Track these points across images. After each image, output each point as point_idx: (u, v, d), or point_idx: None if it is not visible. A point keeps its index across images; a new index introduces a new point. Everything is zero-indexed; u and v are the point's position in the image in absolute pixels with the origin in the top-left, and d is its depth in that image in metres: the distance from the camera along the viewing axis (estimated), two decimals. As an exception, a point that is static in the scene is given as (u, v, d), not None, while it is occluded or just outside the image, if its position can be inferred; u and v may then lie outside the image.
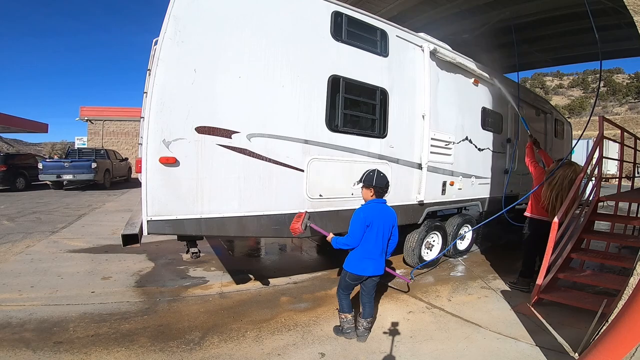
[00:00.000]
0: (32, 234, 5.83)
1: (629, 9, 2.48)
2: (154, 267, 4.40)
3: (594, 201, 3.93)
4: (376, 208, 2.69)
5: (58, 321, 2.91)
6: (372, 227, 2.63)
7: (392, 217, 2.76)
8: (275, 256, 5.41)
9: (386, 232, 2.70)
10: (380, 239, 2.67)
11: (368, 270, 2.68)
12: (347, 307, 2.81)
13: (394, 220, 2.77)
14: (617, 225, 4.66)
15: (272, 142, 3.12)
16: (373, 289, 2.81)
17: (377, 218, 2.65)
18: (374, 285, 2.79)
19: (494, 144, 5.62)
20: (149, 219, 2.65)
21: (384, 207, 2.74)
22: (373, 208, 2.69)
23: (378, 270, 2.72)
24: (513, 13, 6.57)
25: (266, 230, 3.20)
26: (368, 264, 2.67)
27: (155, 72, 2.63)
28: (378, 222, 2.65)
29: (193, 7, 2.77)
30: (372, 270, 2.69)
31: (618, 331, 1.67)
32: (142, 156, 2.75)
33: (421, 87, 4.27)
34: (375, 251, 2.67)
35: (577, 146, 4.72)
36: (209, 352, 2.54)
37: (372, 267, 2.68)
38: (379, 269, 2.72)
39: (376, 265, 2.70)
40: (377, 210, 2.68)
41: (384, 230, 2.68)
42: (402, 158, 4.13)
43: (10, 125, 17.40)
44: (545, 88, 50.85)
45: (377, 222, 2.65)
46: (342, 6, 3.56)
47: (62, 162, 12.50)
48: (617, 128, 4.77)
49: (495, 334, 2.90)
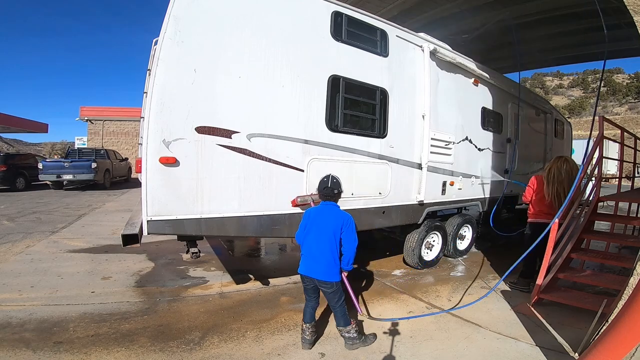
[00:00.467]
0: (32, 234, 5.83)
1: (629, 9, 2.48)
2: (154, 267, 4.40)
3: (594, 201, 3.93)
4: (316, 209, 2.74)
5: (58, 321, 2.91)
6: (306, 227, 2.67)
7: (333, 217, 2.62)
8: (275, 256, 5.41)
9: (323, 232, 2.57)
10: (314, 238, 2.60)
11: (301, 267, 2.63)
12: (304, 313, 2.69)
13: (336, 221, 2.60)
14: (617, 225, 4.66)
15: (272, 142, 3.12)
16: (332, 299, 2.61)
17: (313, 218, 2.65)
18: (330, 295, 2.59)
19: (494, 144, 5.62)
20: (149, 219, 2.65)
21: (326, 208, 2.70)
22: (314, 209, 2.77)
23: (315, 272, 2.56)
24: (513, 13, 6.58)
25: (266, 230, 3.20)
26: (301, 261, 2.65)
27: (155, 72, 2.63)
28: (312, 222, 2.64)
29: (193, 7, 2.77)
30: (304, 267, 2.61)
31: (618, 331, 1.67)
32: (142, 156, 2.75)
33: (421, 87, 4.26)
34: (309, 248, 2.61)
35: (577, 146, 4.73)
36: (209, 352, 2.54)
37: (304, 264, 2.62)
38: (315, 271, 2.56)
39: (309, 265, 2.58)
40: (315, 211, 2.71)
41: (319, 229, 2.59)
42: (402, 158, 4.13)
43: (10, 125, 17.42)
44: (545, 88, 50.84)
45: (312, 222, 2.65)
46: (342, 6, 3.56)
47: (62, 162, 12.50)
48: (617, 128, 4.78)
49: (495, 334, 2.90)
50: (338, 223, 2.58)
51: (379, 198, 3.94)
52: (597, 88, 16.30)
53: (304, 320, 2.67)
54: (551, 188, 3.80)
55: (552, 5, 6.36)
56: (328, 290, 2.58)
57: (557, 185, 3.77)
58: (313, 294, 2.67)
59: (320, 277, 2.55)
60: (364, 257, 4.94)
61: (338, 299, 2.61)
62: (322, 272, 2.55)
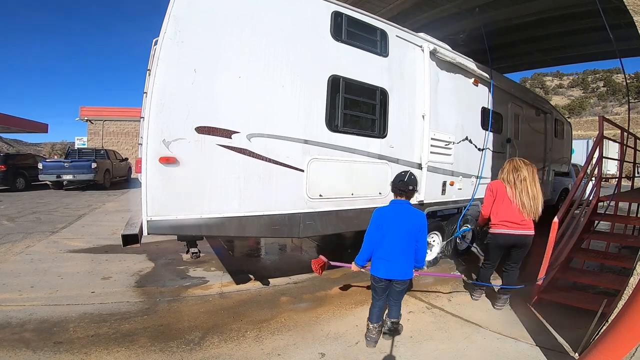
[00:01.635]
0: (32, 234, 5.83)
1: (629, 9, 2.48)
2: (154, 267, 4.40)
3: (593, 201, 3.93)
4: (390, 209, 2.65)
5: (58, 321, 2.90)
6: (382, 227, 2.58)
7: (410, 219, 2.57)
8: (275, 256, 5.41)
9: (402, 234, 2.54)
10: (392, 240, 2.55)
11: (377, 269, 2.58)
12: (371, 314, 2.72)
13: (414, 223, 2.56)
14: (617, 225, 4.66)
15: (272, 142, 3.11)
16: (400, 295, 2.68)
17: (389, 219, 2.58)
18: (400, 292, 2.65)
19: (494, 144, 5.62)
20: (149, 219, 2.65)
21: (400, 207, 2.62)
22: (386, 209, 2.67)
23: (395, 273, 2.55)
24: (513, 13, 6.58)
25: (266, 230, 3.20)
26: (380, 264, 2.58)
27: (155, 72, 2.64)
28: (387, 223, 2.58)
29: (193, 7, 2.78)
30: (382, 270, 2.56)
31: (618, 331, 1.67)
32: (142, 156, 2.75)
33: (421, 87, 4.26)
34: (387, 251, 2.56)
35: (577, 146, 4.73)
36: (209, 352, 2.54)
37: (381, 267, 2.57)
38: (395, 272, 2.55)
39: (388, 268, 2.55)
40: (389, 211, 2.63)
41: (397, 232, 2.55)
42: (402, 158, 4.13)
43: (10, 125, 17.41)
44: (545, 88, 50.86)
45: (386, 223, 2.58)
46: (342, 6, 3.57)
47: (62, 162, 12.50)
48: (617, 128, 4.78)
49: (495, 334, 2.90)
50: (417, 223, 2.56)
51: (379, 198, 3.94)
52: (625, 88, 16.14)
53: (371, 320, 2.68)
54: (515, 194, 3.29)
55: (552, 5, 6.36)
56: (400, 287, 2.63)
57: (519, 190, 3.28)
58: (383, 293, 2.68)
59: (399, 277, 2.57)
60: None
61: (403, 294, 2.71)
62: (402, 272, 2.57)
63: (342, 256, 5.15)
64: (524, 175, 3.28)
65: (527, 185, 3.27)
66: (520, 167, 3.34)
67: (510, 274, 3.44)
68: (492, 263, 3.57)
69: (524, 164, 3.37)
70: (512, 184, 3.31)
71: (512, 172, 3.35)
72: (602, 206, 4.23)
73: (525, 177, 3.28)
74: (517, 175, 3.31)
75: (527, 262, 3.55)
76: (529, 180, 3.28)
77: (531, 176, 3.30)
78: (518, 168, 3.34)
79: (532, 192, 3.24)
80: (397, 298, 2.69)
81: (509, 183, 3.34)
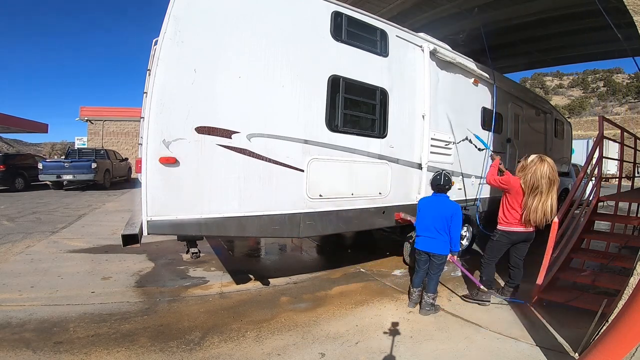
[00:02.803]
0: (32, 234, 5.83)
1: (629, 9, 2.48)
2: (154, 267, 4.40)
3: (594, 201, 3.93)
4: (429, 199, 3.46)
5: (58, 321, 2.90)
6: (421, 212, 3.40)
7: (445, 207, 3.27)
8: (275, 256, 5.41)
9: (437, 217, 3.24)
10: (430, 221, 3.27)
11: (419, 244, 3.34)
12: (412, 280, 3.44)
13: (447, 210, 3.24)
14: (617, 225, 4.66)
15: (272, 142, 3.12)
16: (437, 268, 3.27)
17: (426, 206, 3.38)
18: (437, 265, 3.26)
19: (494, 144, 5.62)
20: (149, 219, 2.65)
21: (437, 198, 3.37)
22: (428, 198, 3.50)
23: (431, 247, 3.25)
24: (514, 13, 6.58)
25: (266, 230, 3.20)
26: (419, 240, 3.37)
27: (155, 72, 2.64)
28: (427, 209, 3.36)
29: (193, 7, 2.78)
30: (422, 244, 3.31)
31: (618, 331, 1.67)
32: (142, 156, 2.75)
33: (421, 87, 4.27)
34: (426, 229, 3.29)
35: (577, 146, 4.73)
36: (209, 352, 2.54)
37: (421, 242, 3.32)
38: (431, 247, 3.25)
39: (426, 242, 3.28)
40: (429, 200, 3.42)
41: (434, 215, 3.26)
42: (402, 158, 4.13)
43: (10, 125, 17.40)
44: (545, 88, 50.86)
45: (426, 209, 3.36)
46: (342, 6, 3.57)
47: (62, 162, 12.50)
48: (617, 128, 4.78)
49: (495, 334, 2.90)
50: (449, 211, 3.23)
51: (379, 198, 3.94)
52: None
53: (413, 285, 3.40)
54: (531, 201, 3.15)
55: (552, 5, 6.36)
56: (437, 261, 3.26)
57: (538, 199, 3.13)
58: (424, 265, 3.35)
59: (435, 250, 3.24)
60: (363, 257, 4.94)
61: (439, 270, 3.30)
62: (436, 247, 3.24)
63: (342, 256, 5.18)
64: (545, 188, 3.10)
65: (542, 200, 3.11)
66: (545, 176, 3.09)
67: (518, 270, 3.53)
68: (496, 258, 3.55)
69: (551, 171, 3.12)
70: (530, 191, 3.14)
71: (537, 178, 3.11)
72: (602, 206, 4.23)
73: (543, 191, 3.10)
74: (539, 184, 3.10)
75: (527, 262, 3.54)
76: (546, 193, 3.11)
77: (551, 186, 3.13)
78: (544, 176, 3.10)
79: (545, 208, 3.12)
80: (436, 271, 3.28)
81: (528, 187, 3.15)
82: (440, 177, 3.35)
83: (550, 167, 3.13)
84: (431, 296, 3.24)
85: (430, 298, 3.24)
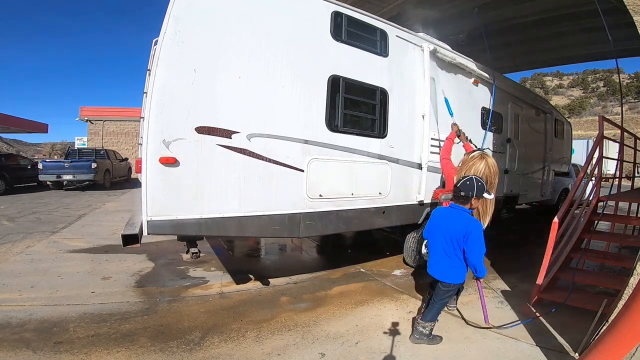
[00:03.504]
0: (32, 234, 5.83)
1: (629, 9, 2.48)
2: (154, 267, 4.40)
3: (593, 201, 3.93)
4: (443, 212, 2.72)
5: (58, 321, 2.90)
6: (430, 224, 2.78)
7: (456, 224, 2.54)
8: (275, 256, 5.41)
9: (446, 236, 2.57)
10: (437, 240, 2.65)
11: (428, 264, 2.76)
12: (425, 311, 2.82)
13: (458, 229, 2.52)
14: (617, 225, 4.66)
15: (272, 142, 3.11)
16: (439, 295, 2.69)
17: (436, 219, 2.72)
18: (441, 292, 2.68)
19: (493, 144, 5.62)
20: (149, 219, 2.65)
21: (449, 212, 2.65)
22: (441, 211, 2.76)
23: (436, 272, 2.66)
24: (513, 13, 6.58)
25: (266, 230, 3.20)
26: (429, 258, 2.77)
27: (155, 72, 2.64)
28: (435, 223, 2.71)
29: (193, 7, 2.78)
30: (430, 267, 2.73)
31: (618, 331, 1.67)
32: (142, 156, 2.76)
33: (421, 87, 4.26)
34: (432, 248, 2.72)
35: (577, 146, 4.72)
36: (209, 352, 2.54)
37: (429, 263, 2.75)
38: (436, 272, 2.66)
39: (431, 264, 2.71)
40: (440, 212, 2.74)
41: (442, 233, 2.60)
42: (402, 158, 4.13)
43: (10, 125, 17.35)
44: (545, 88, 50.88)
45: (435, 223, 2.71)
46: (342, 6, 3.57)
47: (62, 162, 12.49)
48: (617, 128, 4.78)
49: (495, 334, 2.90)
50: (460, 230, 2.51)
51: (379, 198, 3.94)
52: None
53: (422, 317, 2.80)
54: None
55: (552, 5, 6.36)
56: (441, 287, 2.68)
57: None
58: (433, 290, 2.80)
59: (437, 276, 2.68)
60: (363, 257, 4.94)
61: (443, 298, 2.70)
62: (439, 272, 2.67)
63: (342, 256, 5.17)
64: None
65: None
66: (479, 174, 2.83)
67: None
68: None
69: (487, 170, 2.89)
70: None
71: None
72: (602, 206, 4.23)
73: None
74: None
75: (527, 262, 3.54)
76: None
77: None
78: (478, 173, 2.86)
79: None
80: (436, 299, 2.71)
81: None
82: (461, 180, 2.63)
83: (487, 166, 2.93)
84: (425, 324, 2.69)
85: (423, 326, 2.69)
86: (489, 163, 2.95)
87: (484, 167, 2.90)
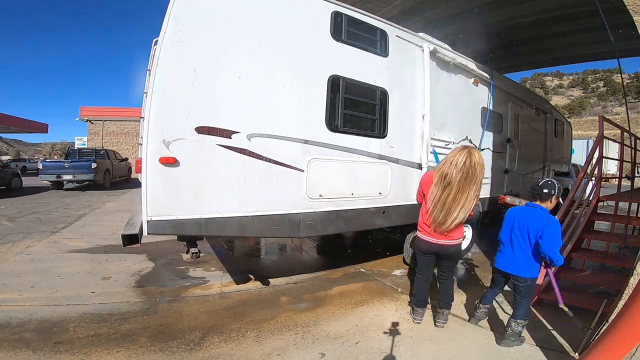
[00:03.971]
0: (32, 234, 5.83)
1: (629, 9, 2.48)
2: (154, 267, 4.40)
3: (593, 201, 3.93)
4: (520, 210, 2.80)
5: (58, 321, 2.90)
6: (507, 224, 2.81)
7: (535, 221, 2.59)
8: (275, 256, 5.41)
9: (523, 232, 2.65)
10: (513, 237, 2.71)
11: (496, 261, 2.84)
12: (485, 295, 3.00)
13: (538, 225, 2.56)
14: (617, 225, 4.66)
15: (272, 142, 3.11)
16: (522, 293, 2.70)
17: (514, 218, 2.77)
18: (522, 289, 2.69)
19: (494, 144, 5.62)
20: (149, 219, 2.65)
21: (526, 209, 2.75)
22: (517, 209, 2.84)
23: (508, 267, 2.73)
24: (514, 13, 6.58)
25: (266, 230, 3.20)
26: (497, 255, 2.85)
27: (155, 72, 2.64)
28: (512, 222, 2.76)
29: (193, 7, 2.77)
30: (499, 263, 2.80)
31: (618, 331, 1.67)
32: (142, 156, 2.75)
33: (421, 87, 4.26)
34: (506, 246, 2.77)
35: (577, 146, 4.73)
36: (209, 352, 2.54)
37: (500, 259, 2.82)
38: (509, 266, 2.73)
39: (505, 261, 2.76)
40: (516, 212, 2.80)
41: (519, 229, 2.68)
42: (402, 158, 4.13)
43: (10, 125, 17.36)
44: (545, 88, 50.89)
45: (512, 221, 2.77)
46: (342, 6, 3.56)
47: (62, 162, 12.50)
48: (617, 128, 4.78)
49: (495, 334, 2.90)
50: (540, 226, 2.57)
51: (379, 198, 3.94)
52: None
53: (482, 301, 2.99)
54: (435, 192, 2.65)
55: (552, 5, 6.36)
56: (520, 284, 2.70)
57: (442, 189, 2.61)
58: (500, 285, 2.93)
59: (515, 272, 2.70)
60: (363, 257, 4.94)
61: (526, 294, 2.72)
62: (517, 268, 2.69)
63: (342, 256, 5.17)
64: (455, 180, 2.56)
65: (449, 193, 2.58)
66: (458, 165, 2.56)
67: (444, 289, 3.04)
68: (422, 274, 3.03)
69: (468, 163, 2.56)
70: (438, 179, 2.64)
71: (448, 166, 2.62)
72: (602, 206, 4.23)
73: (452, 182, 2.57)
74: (448, 172, 2.59)
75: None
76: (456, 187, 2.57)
77: (464, 180, 2.56)
78: (457, 165, 2.57)
79: (450, 205, 2.60)
80: (519, 296, 2.72)
81: (438, 175, 2.66)
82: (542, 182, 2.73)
83: (468, 159, 2.55)
84: (518, 322, 2.67)
85: (517, 324, 2.66)
86: (473, 155, 2.60)
87: (465, 158, 2.57)
